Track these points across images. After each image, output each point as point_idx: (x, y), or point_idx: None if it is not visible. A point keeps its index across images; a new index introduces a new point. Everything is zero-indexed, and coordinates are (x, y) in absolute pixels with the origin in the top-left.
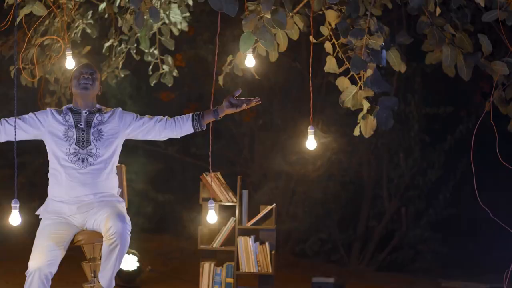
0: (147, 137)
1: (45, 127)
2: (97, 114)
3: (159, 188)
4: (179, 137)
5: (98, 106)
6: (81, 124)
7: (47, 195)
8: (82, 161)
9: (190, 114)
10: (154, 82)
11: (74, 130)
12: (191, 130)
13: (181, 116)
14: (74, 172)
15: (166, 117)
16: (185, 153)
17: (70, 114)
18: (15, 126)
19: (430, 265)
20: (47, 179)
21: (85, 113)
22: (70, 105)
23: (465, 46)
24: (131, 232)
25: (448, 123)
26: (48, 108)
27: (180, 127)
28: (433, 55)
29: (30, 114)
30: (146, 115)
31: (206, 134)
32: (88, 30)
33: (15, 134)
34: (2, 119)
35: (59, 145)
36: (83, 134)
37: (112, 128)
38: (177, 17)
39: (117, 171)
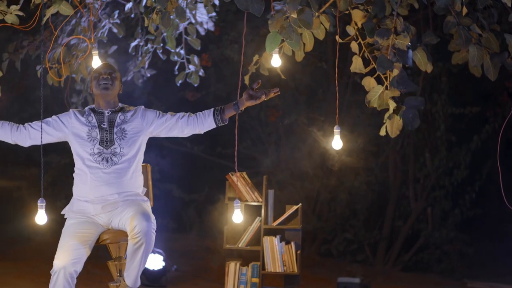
0: (170, 134)
1: (68, 128)
2: (119, 114)
3: (185, 188)
4: (202, 133)
5: (120, 105)
6: (104, 124)
7: (72, 195)
8: (107, 161)
9: (212, 109)
10: (180, 81)
11: (97, 130)
12: (213, 125)
13: (203, 111)
14: (99, 171)
15: (188, 113)
16: (211, 153)
17: (92, 114)
18: (41, 130)
19: (456, 265)
20: (73, 178)
21: (108, 113)
22: (92, 106)
23: (492, 46)
24: (156, 231)
25: (474, 123)
26: (70, 110)
27: (202, 123)
28: (459, 55)
29: (54, 117)
30: (168, 112)
31: (232, 133)
32: (115, 30)
33: (41, 138)
34: (26, 124)
35: (83, 145)
36: (106, 134)
37: (135, 127)
38: (203, 17)
39: (142, 171)
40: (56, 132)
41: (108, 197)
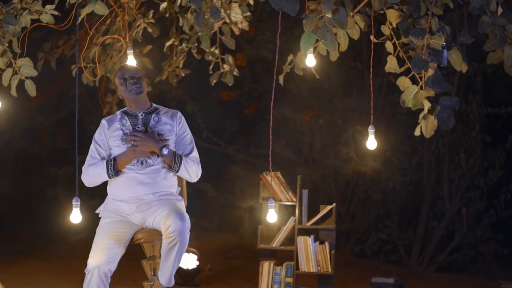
0: None
1: (107, 138)
2: (153, 115)
3: (219, 187)
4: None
5: (154, 105)
6: (138, 127)
7: (107, 194)
8: (142, 163)
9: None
10: (214, 81)
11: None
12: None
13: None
14: (133, 172)
15: (191, 159)
16: (245, 152)
17: (126, 117)
18: (107, 162)
19: (491, 266)
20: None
21: (141, 115)
22: (124, 109)
23: None
24: (190, 231)
25: (509, 123)
26: (102, 120)
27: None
28: (494, 55)
29: (95, 140)
30: (192, 143)
31: (266, 133)
32: (149, 29)
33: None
34: (85, 167)
35: (119, 149)
36: None
37: (170, 129)
38: (238, 17)
39: None
40: (107, 150)
41: (143, 196)
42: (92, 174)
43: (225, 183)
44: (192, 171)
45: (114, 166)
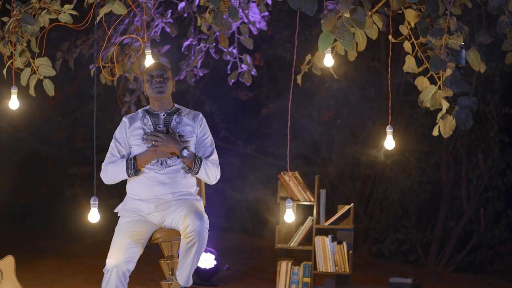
0: None
1: (128, 137)
2: (175, 116)
3: (237, 187)
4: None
5: (176, 106)
6: (159, 127)
7: (125, 193)
8: (161, 164)
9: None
10: (232, 81)
11: None
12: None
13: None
14: (153, 172)
15: (211, 161)
16: (263, 152)
17: (148, 117)
18: (127, 160)
19: (509, 266)
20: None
21: (163, 115)
22: (147, 107)
23: None
24: (208, 230)
25: None
26: (123, 118)
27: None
28: None
29: (115, 138)
30: (212, 145)
31: (284, 133)
32: (168, 29)
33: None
34: (104, 164)
35: (139, 148)
36: None
37: (191, 131)
38: (256, 16)
39: None
40: (127, 147)
41: (162, 196)
42: (111, 172)
43: (243, 183)
44: (211, 173)
45: (134, 165)
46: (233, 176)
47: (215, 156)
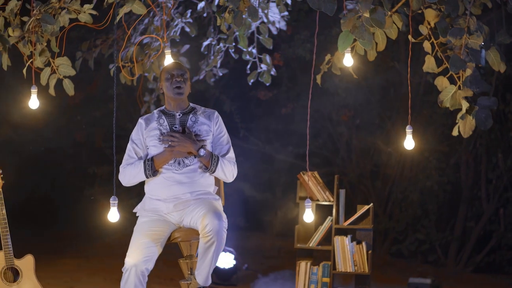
0: None
1: (145, 138)
2: (190, 115)
3: (256, 186)
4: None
5: (191, 105)
6: (175, 127)
7: (144, 193)
8: (179, 163)
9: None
10: (252, 81)
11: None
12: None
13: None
14: (171, 172)
15: (227, 159)
16: (282, 152)
17: (164, 117)
18: (144, 161)
19: None
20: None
21: (179, 115)
22: (162, 108)
23: None
24: (227, 230)
25: None
26: (139, 120)
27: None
28: None
29: (132, 140)
30: (227, 144)
31: (303, 133)
32: (187, 29)
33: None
34: (122, 167)
35: (156, 149)
36: None
37: (207, 129)
38: (275, 16)
39: None
40: (144, 148)
41: (180, 195)
42: (129, 174)
43: (262, 183)
44: (228, 171)
45: (152, 166)
46: (252, 175)
47: (231, 154)
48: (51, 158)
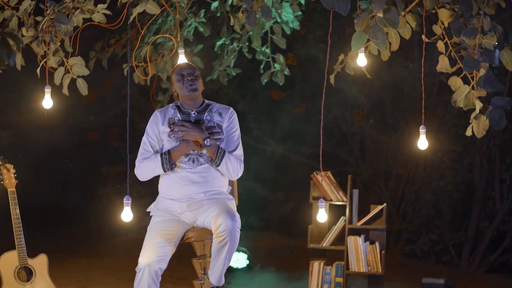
0: None
1: (160, 132)
2: (205, 114)
3: (269, 186)
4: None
5: (206, 102)
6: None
7: (158, 192)
8: (193, 161)
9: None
10: (265, 80)
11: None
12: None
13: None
14: (185, 171)
15: (235, 156)
16: (295, 152)
17: (179, 114)
18: (161, 155)
19: None
20: (158, 176)
21: (194, 113)
22: (178, 103)
23: None
24: (240, 230)
25: None
26: (155, 112)
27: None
28: None
29: (147, 133)
30: (237, 141)
31: (317, 133)
32: (201, 29)
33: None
34: (138, 161)
35: (170, 145)
36: None
37: (221, 126)
38: (289, 16)
39: None
40: (160, 141)
41: (194, 195)
42: (146, 168)
43: (275, 182)
44: (232, 168)
45: (169, 160)
46: (265, 175)
47: (239, 152)
48: (64, 157)
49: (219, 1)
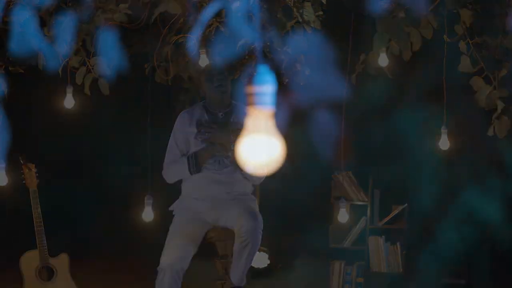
0: None
1: (187, 133)
2: (232, 115)
3: (291, 186)
4: None
5: (233, 102)
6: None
7: (179, 192)
8: (219, 163)
9: None
10: (286, 80)
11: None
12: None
13: None
14: (209, 172)
15: None
16: (317, 151)
17: (206, 115)
18: (188, 158)
19: None
20: None
21: (221, 115)
22: (205, 103)
23: None
24: (262, 230)
25: None
26: (182, 113)
27: None
28: None
29: (174, 136)
30: None
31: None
32: (222, 28)
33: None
34: (166, 164)
35: (196, 146)
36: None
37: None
38: (310, 16)
39: None
40: (187, 143)
41: (217, 195)
42: (173, 171)
43: (296, 183)
44: (256, 176)
45: (196, 163)
46: (287, 175)
47: None
48: (85, 157)
49: (239, 1)
